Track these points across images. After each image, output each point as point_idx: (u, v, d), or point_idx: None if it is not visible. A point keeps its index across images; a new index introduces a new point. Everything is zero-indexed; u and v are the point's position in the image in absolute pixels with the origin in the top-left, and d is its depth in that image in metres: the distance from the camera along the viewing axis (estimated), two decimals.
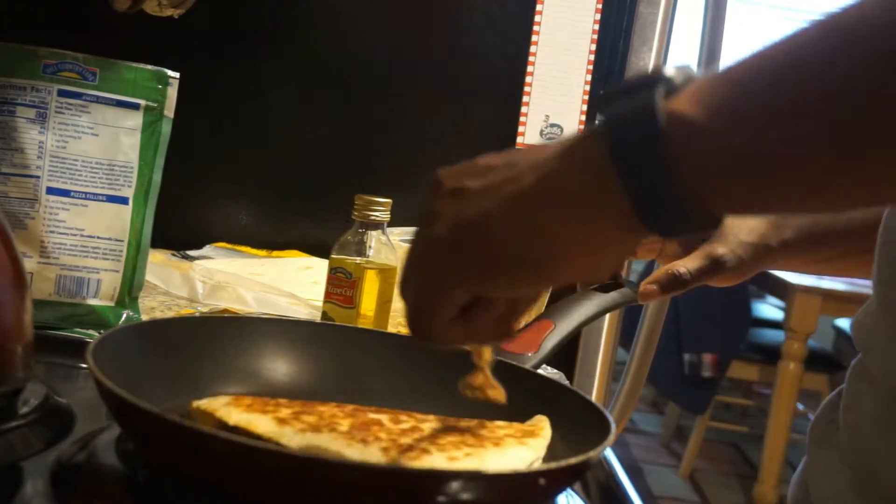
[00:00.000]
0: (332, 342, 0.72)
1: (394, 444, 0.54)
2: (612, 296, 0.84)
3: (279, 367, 0.69)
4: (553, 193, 0.45)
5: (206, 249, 1.31)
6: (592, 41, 1.35)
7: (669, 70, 0.44)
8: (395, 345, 0.73)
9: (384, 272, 0.93)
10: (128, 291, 0.89)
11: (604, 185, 0.43)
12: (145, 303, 0.99)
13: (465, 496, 0.48)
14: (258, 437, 0.54)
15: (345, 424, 0.56)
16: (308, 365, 0.70)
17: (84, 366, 0.56)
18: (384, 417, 0.59)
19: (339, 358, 0.71)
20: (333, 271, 0.92)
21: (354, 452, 0.53)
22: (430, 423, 0.59)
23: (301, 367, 0.70)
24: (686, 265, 0.77)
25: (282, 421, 0.56)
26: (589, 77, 1.35)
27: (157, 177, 0.91)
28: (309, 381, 0.69)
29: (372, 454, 0.53)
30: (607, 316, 1.34)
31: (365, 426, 0.57)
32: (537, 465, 0.57)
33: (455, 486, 0.47)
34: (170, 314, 0.99)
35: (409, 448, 0.54)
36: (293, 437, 0.54)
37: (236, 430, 0.55)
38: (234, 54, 1.34)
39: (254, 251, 1.34)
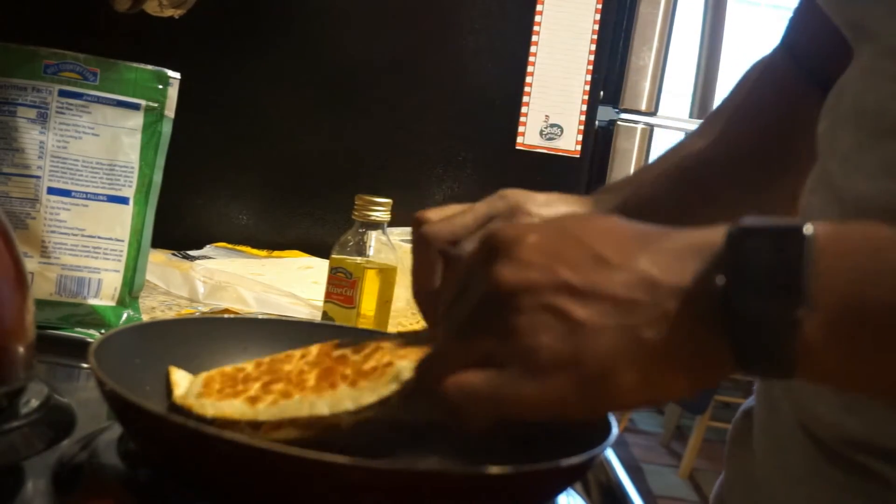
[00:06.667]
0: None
1: (359, 373, 0.56)
2: None
3: None
4: (674, 352, 0.44)
5: (207, 249, 1.31)
6: (592, 41, 1.35)
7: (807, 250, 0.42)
8: None
9: (384, 272, 0.93)
10: (128, 291, 0.89)
11: (719, 349, 0.43)
12: (146, 303, 0.99)
13: (465, 495, 0.48)
14: (236, 422, 0.55)
15: (311, 378, 0.57)
16: None
17: (85, 365, 0.56)
18: (348, 351, 0.60)
19: None
20: (333, 271, 0.92)
21: (324, 405, 0.54)
22: (390, 341, 0.60)
23: None
24: None
25: (253, 399, 0.57)
26: (589, 77, 1.35)
27: (158, 177, 0.91)
28: None
29: (342, 397, 0.55)
30: None
31: (330, 372, 0.58)
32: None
33: (455, 485, 0.48)
34: (170, 314, 0.99)
35: (373, 370, 0.56)
36: (266, 412, 0.56)
37: (215, 421, 0.56)
38: (234, 54, 1.35)
39: (254, 251, 1.34)
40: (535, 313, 0.45)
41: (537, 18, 1.35)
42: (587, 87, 1.35)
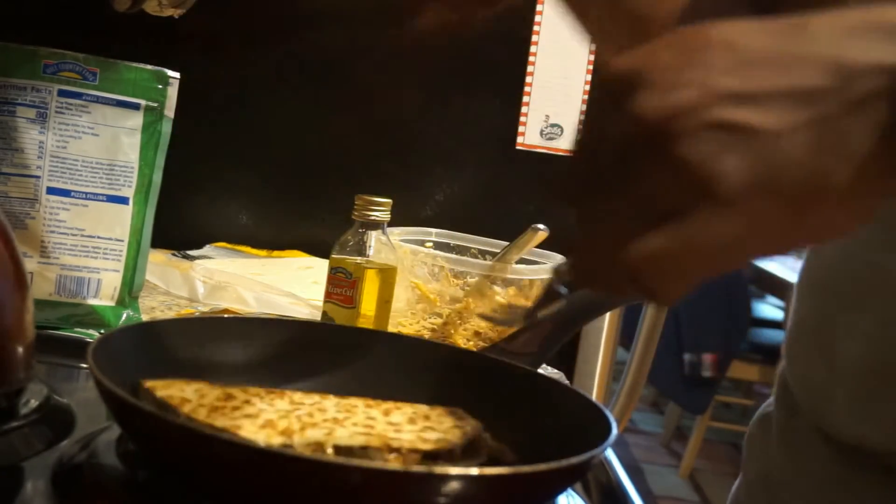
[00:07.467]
0: (332, 342, 0.72)
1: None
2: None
3: (279, 367, 0.69)
4: (881, 138, 0.37)
5: (207, 249, 1.31)
6: None
7: None
8: (394, 345, 0.73)
9: (384, 272, 0.93)
10: (128, 291, 0.89)
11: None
12: (145, 303, 0.99)
13: (464, 496, 0.48)
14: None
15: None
16: (308, 365, 0.70)
17: (84, 366, 0.56)
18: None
19: (338, 358, 0.71)
20: (333, 271, 0.92)
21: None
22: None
23: (301, 368, 0.70)
24: None
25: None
26: (589, 77, 1.35)
27: (158, 177, 0.91)
28: (309, 381, 0.69)
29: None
30: (607, 316, 1.35)
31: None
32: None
33: (455, 486, 0.47)
34: (170, 314, 0.99)
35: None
36: None
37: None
38: (234, 54, 1.34)
39: (254, 251, 1.34)
40: (702, 137, 0.36)
41: (537, 18, 1.34)
42: (587, 87, 1.35)
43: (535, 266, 1.02)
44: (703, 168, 0.36)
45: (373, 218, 0.92)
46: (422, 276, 0.99)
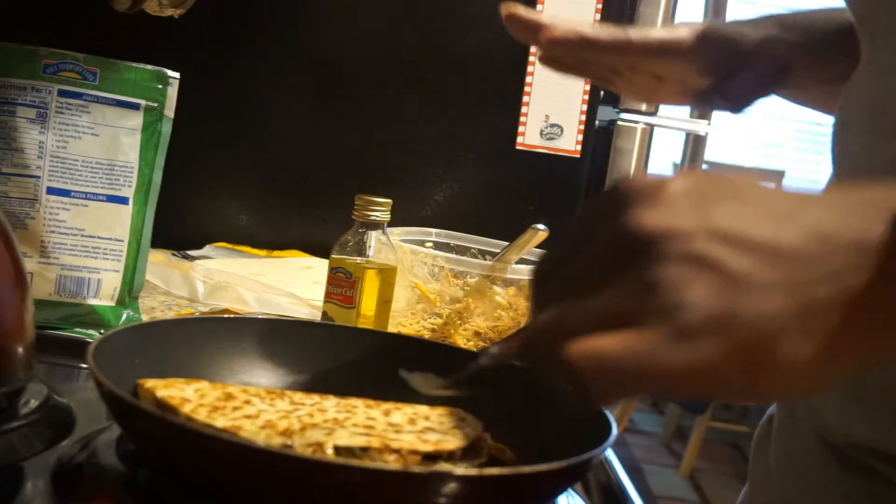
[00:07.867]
0: (333, 342, 0.72)
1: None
2: None
3: (280, 367, 0.69)
4: (854, 316, 0.37)
5: (207, 249, 1.31)
6: None
7: None
8: (394, 345, 0.73)
9: (384, 272, 0.93)
10: (128, 291, 0.89)
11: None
12: (145, 303, 0.99)
13: (464, 496, 0.48)
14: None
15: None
16: (308, 365, 0.70)
17: (85, 366, 0.56)
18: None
19: (338, 358, 0.71)
20: (333, 271, 0.92)
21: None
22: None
23: (301, 368, 0.70)
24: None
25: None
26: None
27: (157, 177, 0.91)
28: (309, 381, 0.69)
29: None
30: None
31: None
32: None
33: (455, 486, 0.48)
34: (170, 314, 0.99)
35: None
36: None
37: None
38: (234, 54, 1.35)
39: (254, 251, 1.34)
40: (681, 264, 0.38)
41: None
42: (587, 87, 1.35)
43: None
44: (671, 292, 0.38)
45: (373, 218, 0.92)
46: (422, 276, 0.99)
